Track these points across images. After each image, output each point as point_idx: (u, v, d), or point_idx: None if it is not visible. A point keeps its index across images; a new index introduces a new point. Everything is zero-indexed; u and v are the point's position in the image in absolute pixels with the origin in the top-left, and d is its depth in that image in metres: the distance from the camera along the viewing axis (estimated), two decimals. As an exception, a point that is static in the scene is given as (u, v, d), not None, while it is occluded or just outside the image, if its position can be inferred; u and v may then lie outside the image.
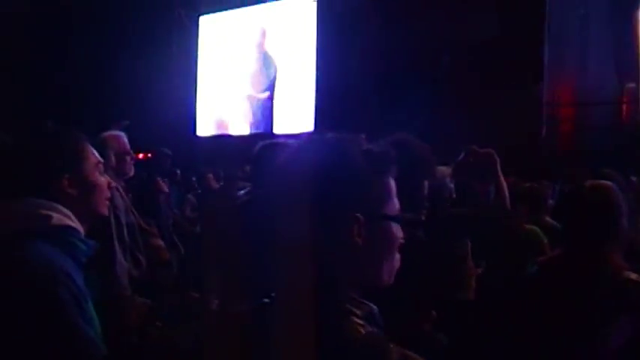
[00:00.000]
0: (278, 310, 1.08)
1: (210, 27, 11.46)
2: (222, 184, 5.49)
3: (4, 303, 1.38)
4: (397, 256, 1.14)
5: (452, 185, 3.47)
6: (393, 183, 1.14)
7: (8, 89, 9.53)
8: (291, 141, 3.32)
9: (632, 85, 7.88)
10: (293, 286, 1.08)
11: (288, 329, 1.05)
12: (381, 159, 1.13)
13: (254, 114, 10.56)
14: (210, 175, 5.73)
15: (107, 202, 1.70)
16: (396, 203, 1.14)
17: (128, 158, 3.41)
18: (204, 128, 11.34)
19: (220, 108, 11.12)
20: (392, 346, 1.05)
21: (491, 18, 7.49)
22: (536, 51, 7.59)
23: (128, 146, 3.44)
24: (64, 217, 1.53)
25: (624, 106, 7.90)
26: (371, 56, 8.47)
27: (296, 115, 9.74)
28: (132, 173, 3.49)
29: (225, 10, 11.11)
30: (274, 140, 3.31)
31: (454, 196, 3.43)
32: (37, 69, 9.93)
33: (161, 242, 3.85)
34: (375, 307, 1.15)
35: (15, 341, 1.36)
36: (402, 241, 1.14)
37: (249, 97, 10.63)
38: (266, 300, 1.12)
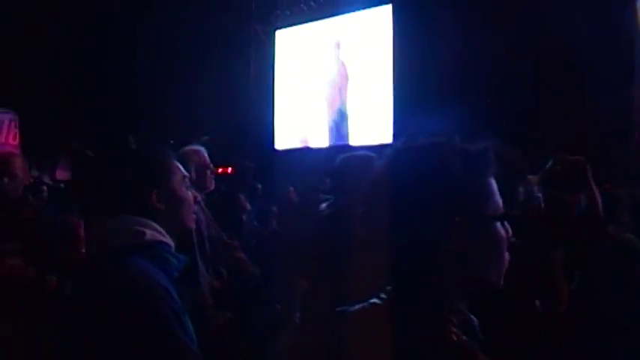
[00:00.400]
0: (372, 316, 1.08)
1: (287, 41, 11.61)
2: (302, 197, 5.51)
3: (110, 321, 1.41)
4: (506, 255, 1.11)
5: (540, 195, 3.34)
6: (493, 182, 1.12)
7: (90, 101, 9.96)
8: (370, 153, 3.30)
9: None
10: (392, 292, 1.09)
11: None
12: (478, 159, 1.12)
13: (330, 126, 10.59)
14: (292, 189, 5.75)
15: (193, 216, 1.73)
16: (498, 202, 1.12)
17: (208, 172, 3.48)
18: (283, 141, 11.46)
19: (298, 121, 11.22)
20: (481, 356, 1.05)
21: (578, 19, 7.22)
22: (628, 52, 7.25)
23: (208, 160, 3.51)
24: (156, 232, 1.56)
25: None
26: (450, 63, 8.31)
27: (373, 126, 9.70)
28: (212, 187, 3.56)
29: (301, 23, 11.22)
30: (354, 153, 3.28)
31: (543, 205, 3.30)
32: (117, 83, 10.31)
33: (243, 255, 3.89)
34: (475, 319, 1.15)
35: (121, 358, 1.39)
36: (510, 239, 1.12)
37: (326, 110, 10.69)
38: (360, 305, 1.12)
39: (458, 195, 1.06)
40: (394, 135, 9.09)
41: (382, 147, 9.27)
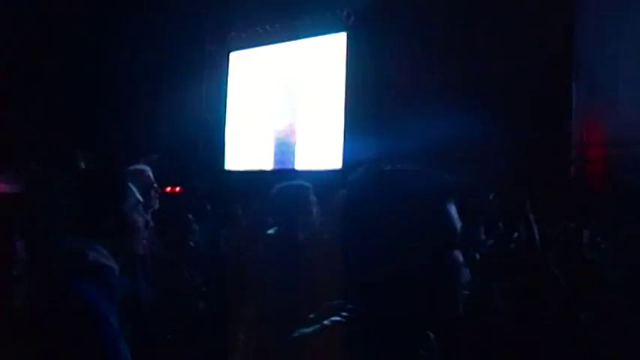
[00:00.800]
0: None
1: (240, 63, 11.65)
2: (250, 220, 5.51)
3: (46, 344, 1.39)
4: (464, 281, 1.14)
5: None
6: (453, 209, 1.15)
7: (40, 120, 9.73)
8: (305, 182, 3.38)
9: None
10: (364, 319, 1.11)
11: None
12: (443, 187, 1.15)
13: (278, 150, 10.66)
14: (240, 212, 5.75)
15: (144, 242, 1.72)
16: (457, 229, 1.14)
17: (153, 192, 3.47)
18: (234, 163, 11.44)
19: (248, 143, 11.23)
20: None
21: (519, 55, 7.48)
22: (565, 89, 7.54)
23: (153, 179, 3.51)
24: (100, 255, 1.55)
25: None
26: (402, 93, 8.48)
27: (322, 152, 9.79)
28: (156, 207, 3.55)
29: (256, 46, 11.29)
30: (290, 182, 3.39)
31: (484, 237, 3.40)
32: (66, 97, 10.11)
33: (188, 274, 3.87)
34: (431, 334, 1.18)
35: None
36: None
37: (274, 133, 10.75)
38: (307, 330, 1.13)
39: (420, 222, 1.09)
40: (344, 160, 9.19)
41: (330, 172, 9.26)
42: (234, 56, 11.72)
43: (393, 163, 1.17)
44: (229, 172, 11.32)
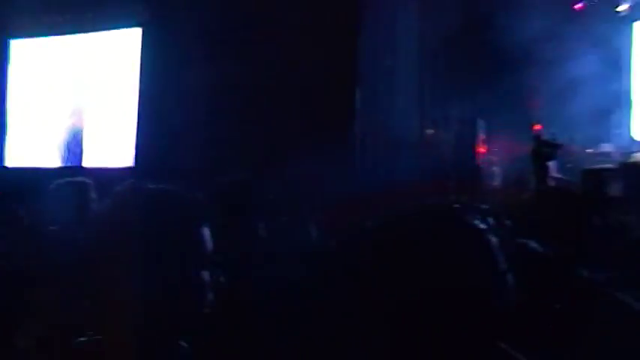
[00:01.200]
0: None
1: (23, 52, 10.84)
2: (32, 219, 5.23)
3: None
4: (210, 297, 1.20)
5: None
6: (206, 230, 1.21)
7: None
8: (86, 179, 3.35)
9: (430, 131, 8.86)
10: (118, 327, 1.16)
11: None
12: (196, 209, 1.22)
13: (65, 146, 10.13)
14: (22, 211, 5.42)
15: None
16: (208, 249, 1.22)
17: None
18: (14, 159, 10.64)
19: (32, 138, 10.52)
20: None
21: (308, 62, 7.89)
22: (350, 96, 8.10)
23: None
24: None
25: (424, 150, 8.70)
26: (197, 91, 8.50)
27: (113, 149, 9.50)
28: None
29: (42, 36, 10.58)
30: (70, 179, 3.36)
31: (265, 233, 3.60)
32: None
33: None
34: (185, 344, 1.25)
35: None
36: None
37: (61, 129, 10.21)
38: (82, 339, 1.17)
39: (170, 242, 1.14)
40: (136, 159, 8.99)
41: (121, 170, 9.03)
42: (18, 45, 10.86)
43: (156, 182, 1.24)
44: (10, 169, 10.51)
